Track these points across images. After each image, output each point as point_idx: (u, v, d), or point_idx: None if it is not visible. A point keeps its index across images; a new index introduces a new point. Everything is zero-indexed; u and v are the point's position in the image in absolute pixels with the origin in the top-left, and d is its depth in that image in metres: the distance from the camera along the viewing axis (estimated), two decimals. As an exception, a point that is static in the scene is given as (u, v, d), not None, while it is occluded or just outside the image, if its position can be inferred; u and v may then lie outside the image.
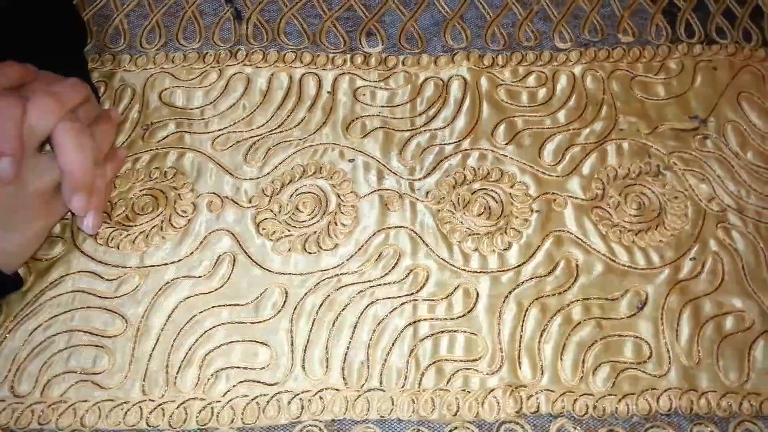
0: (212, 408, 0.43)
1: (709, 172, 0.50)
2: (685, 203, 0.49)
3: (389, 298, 0.46)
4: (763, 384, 0.44)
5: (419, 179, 0.50)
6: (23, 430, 0.42)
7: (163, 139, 0.51)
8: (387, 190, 0.49)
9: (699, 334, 0.45)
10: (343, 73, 0.54)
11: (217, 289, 0.46)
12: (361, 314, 0.45)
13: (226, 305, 0.46)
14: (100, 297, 0.46)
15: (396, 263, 0.47)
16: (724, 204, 0.49)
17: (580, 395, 0.43)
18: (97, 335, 0.45)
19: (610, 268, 0.47)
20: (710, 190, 0.50)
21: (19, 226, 0.43)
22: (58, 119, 0.41)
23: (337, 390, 0.43)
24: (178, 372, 0.44)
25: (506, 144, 0.51)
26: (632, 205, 0.49)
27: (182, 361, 0.44)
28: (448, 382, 0.44)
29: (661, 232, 0.48)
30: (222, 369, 0.44)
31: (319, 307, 0.46)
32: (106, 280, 0.46)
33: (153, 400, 0.43)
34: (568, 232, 0.48)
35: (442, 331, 0.45)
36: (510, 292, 0.46)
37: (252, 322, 0.45)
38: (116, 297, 0.46)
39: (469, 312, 0.46)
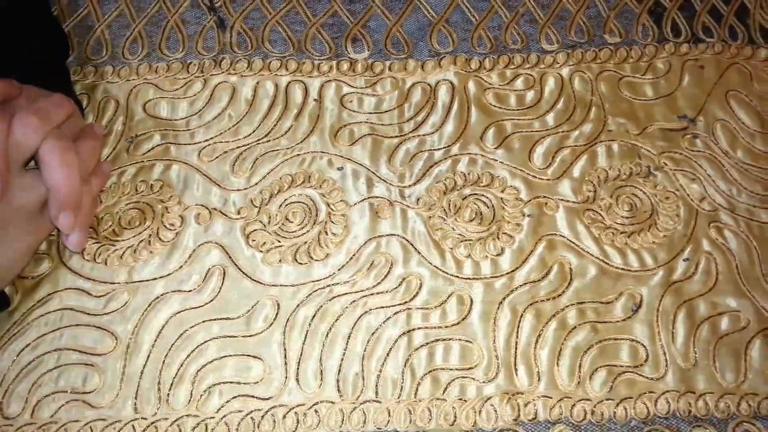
0: (206, 424, 0.42)
1: (700, 171, 0.50)
2: (677, 203, 0.49)
3: (382, 307, 0.45)
4: (760, 384, 0.44)
5: (409, 186, 0.49)
6: (13, 453, 0.41)
7: (149, 151, 0.51)
8: (377, 197, 0.49)
9: (695, 336, 0.45)
10: (330, 80, 0.54)
11: (207, 303, 0.45)
12: (355, 325, 0.45)
13: (217, 319, 0.45)
14: (88, 314, 0.45)
15: (388, 272, 0.46)
16: (715, 203, 0.49)
17: (578, 400, 0.43)
18: (86, 353, 0.44)
19: (604, 271, 0.47)
20: (701, 189, 0.50)
21: (5, 244, 0.42)
22: (44, 136, 0.41)
23: (332, 403, 0.43)
24: (170, 389, 0.43)
25: (496, 148, 0.51)
26: (624, 207, 0.49)
27: (174, 377, 0.43)
28: (444, 392, 0.43)
29: (653, 233, 0.48)
30: (215, 384, 0.43)
31: (312, 319, 0.45)
32: (95, 296, 0.46)
33: (146, 419, 0.42)
34: (560, 235, 0.48)
35: (437, 340, 0.45)
36: (504, 298, 0.46)
37: (244, 336, 0.45)
38: (105, 314, 0.45)
39: (463, 319, 0.45)
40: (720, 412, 0.43)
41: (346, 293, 0.46)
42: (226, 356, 0.44)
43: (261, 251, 0.47)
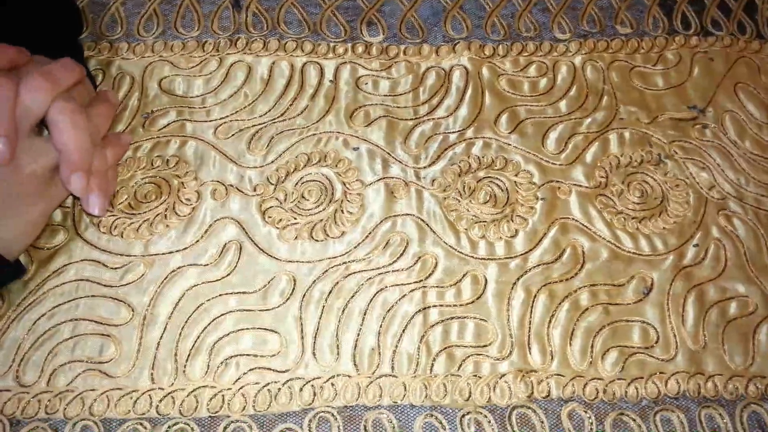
0: (223, 395, 0.42)
1: (709, 160, 0.51)
2: (687, 191, 0.50)
3: (398, 285, 0.46)
4: (767, 367, 0.44)
5: (424, 167, 0.50)
6: (30, 419, 0.41)
7: (164, 127, 0.51)
8: (392, 178, 0.49)
9: (704, 319, 0.46)
10: (345, 62, 0.54)
11: (224, 278, 0.46)
12: (371, 301, 0.45)
13: (234, 293, 0.45)
14: (104, 285, 0.45)
15: (404, 250, 0.47)
16: (724, 192, 0.50)
17: (590, 379, 0.44)
18: (102, 324, 0.44)
19: (616, 255, 0.47)
20: (711, 178, 0.51)
21: (16, 211, 0.42)
22: (52, 99, 0.41)
23: (348, 376, 0.43)
24: (186, 360, 0.43)
25: (509, 133, 0.52)
26: (635, 193, 0.50)
27: (191, 349, 0.43)
28: (459, 368, 0.44)
29: (664, 219, 0.49)
30: (232, 357, 0.43)
31: (328, 295, 0.45)
32: (111, 268, 0.46)
33: (162, 389, 0.42)
34: (573, 219, 0.48)
35: (452, 318, 0.45)
36: (518, 279, 0.46)
37: (260, 310, 0.45)
38: (121, 285, 0.45)
39: (478, 298, 0.46)
40: (728, 393, 0.44)
41: (362, 270, 0.46)
42: (242, 329, 0.44)
43: (277, 228, 0.47)
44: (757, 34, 0.57)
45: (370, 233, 0.47)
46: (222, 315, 0.44)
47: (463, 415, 0.43)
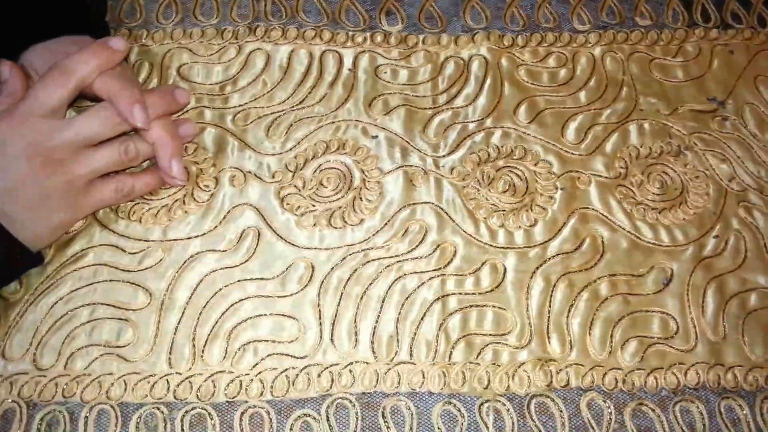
0: (241, 381, 0.42)
1: (729, 152, 0.51)
2: (707, 182, 0.50)
3: (417, 272, 0.46)
4: (788, 359, 0.44)
5: (443, 156, 0.50)
6: (47, 403, 0.41)
7: (183, 114, 0.51)
8: (411, 166, 0.49)
9: (724, 310, 0.45)
10: (364, 51, 0.54)
11: (242, 264, 0.46)
12: (389, 288, 0.45)
13: (252, 279, 0.45)
14: (122, 270, 0.45)
15: (423, 238, 0.47)
16: (744, 183, 0.50)
17: (609, 369, 0.44)
18: (120, 308, 0.44)
19: (636, 245, 0.47)
20: (731, 170, 0.50)
21: (43, 213, 0.42)
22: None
23: (366, 363, 0.43)
24: (204, 345, 0.43)
25: (529, 123, 0.51)
26: (655, 184, 0.49)
27: (209, 334, 0.43)
28: (478, 356, 0.43)
29: (684, 210, 0.48)
30: (250, 342, 0.43)
31: (347, 282, 0.45)
32: (129, 253, 0.46)
33: (180, 373, 0.42)
34: (593, 209, 0.48)
35: (471, 306, 0.45)
36: (537, 268, 0.46)
37: (279, 296, 0.45)
38: (139, 270, 0.45)
39: (497, 287, 0.45)
40: (748, 384, 0.43)
41: (381, 258, 0.46)
42: (260, 315, 0.44)
43: (296, 215, 0.47)
44: (778, 27, 0.57)
45: (389, 221, 0.47)
46: (240, 301, 0.44)
47: (482, 404, 0.42)
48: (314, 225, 0.47)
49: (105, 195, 0.44)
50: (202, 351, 0.43)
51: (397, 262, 0.46)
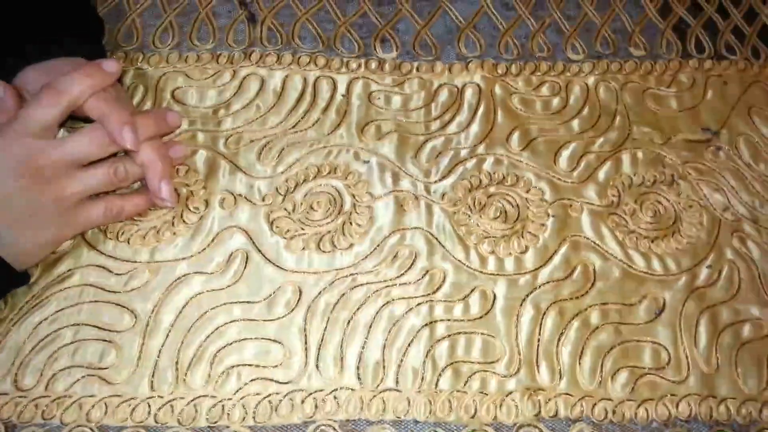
0: (223, 405, 0.42)
1: (723, 182, 0.51)
2: (700, 212, 0.49)
3: (405, 298, 0.45)
4: (782, 392, 0.43)
5: (435, 182, 0.50)
6: (26, 424, 0.41)
7: (176, 137, 0.51)
8: (402, 191, 0.49)
9: (717, 341, 0.45)
10: (358, 77, 0.54)
11: (229, 286, 0.45)
12: (377, 314, 0.45)
13: (239, 302, 0.45)
14: (108, 291, 0.45)
15: (412, 264, 0.46)
16: (738, 214, 0.49)
17: (599, 400, 0.43)
18: (104, 330, 0.43)
19: (628, 274, 0.47)
20: (724, 200, 0.50)
21: (30, 231, 0.42)
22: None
23: (351, 390, 0.42)
24: (188, 368, 0.43)
25: (521, 150, 0.51)
26: (648, 213, 0.49)
27: (192, 357, 0.43)
28: (465, 384, 0.43)
29: (676, 239, 0.48)
30: (233, 366, 0.43)
31: (334, 306, 0.45)
32: (116, 274, 0.45)
33: (162, 397, 0.42)
34: (585, 237, 0.48)
35: (459, 333, 0.44)
36: (527, 295, 0.46)
37: (264, 320, 0.44)
38: (125, 292, 0.45)
39: (486, 314, 0.45)
40: (741, 417, 0.43)
41: (369, 282, 0.46)
42: (245, 339, 0.44)
43: (285, 238, 0.47)
44: (772, 59, 0.57)
45: (378, 246, 0.47)
46: (225, 324, 0.44)
47: (469, 433, 0.42)
48: (303, 249, 0.46)
49: (93, 215, 0.44)
50: (185, 374, 0.42)
51: (386, 287, 0.45)
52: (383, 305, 0.45)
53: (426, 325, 0.44)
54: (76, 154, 0.43)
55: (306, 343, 0.44)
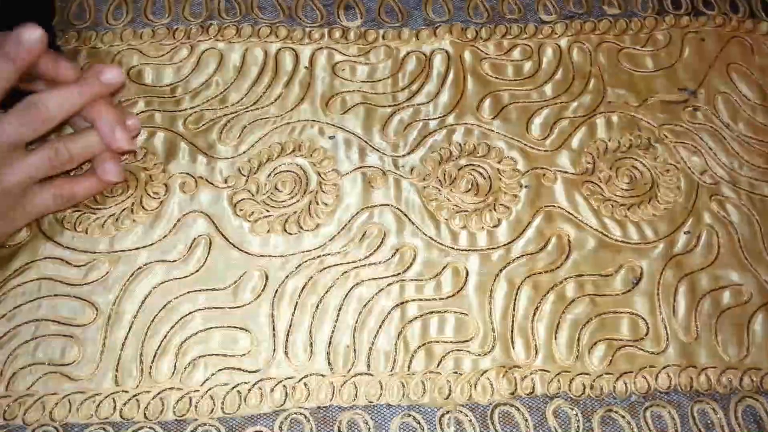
0: (190, 398, 0.40)
1: (701, 144, 0.49)
2: (678, 176, 0.48)
3: (375, 278, 0.44)
4: (763, 358, 0.43)
5: (403, 156, 0.48)
6: (-13, 426, 0.39)
7: (133, 118, 0.49)
8: (370, 167, 0.47)
9: (696, 309, 0.44)
10: (321, 48, 0.52)
11: (192, 274, 0.44)
12: (346, 296, 0.43)
13: (203, 290, 0.43)
14: (68, 284, 0.43)
15: (381, 242, 0.45)
16: (717, 176, 0.48)
17: (576, 375, 0.42)
18: (65, 324, 0.42)
19: (603, 244, 0.45)
20: (702, 162, 0.48)
21: None
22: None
23: (322, 376, 0.41)
24: (153, 361, 0.41)
25: (492, 118, 0.49)
26: (623, 179, 0.48)
27: (157, 349, 0.42)
28: (438, 365, 0.42)
29: (653, 205, 0.47)
30: (200, 357, 0.41)
31: (302, 290, 0.43)
32: (74, 266, 0.44)
33: (127, 391, 0.40)
34: (558, 207, 0.46)
35: (431, 312, 0.43)
36: (501, 270, 0.44)
37: (231, 308, 0.43)
38: (85, 284, 0.43)
39: (458, 291, 0.44)
40: (722, 386, 0.42)
41: (338, 264, 0.44)
42: (211, 328, 0.42)
43: (249, 221, 0.45)
44: (750, 13, 0.55)
45: (345, 225, 0.45)
46: (190, 313, 0.42)
47: (443, 415, 0.41)
48: (268, 231, 0.45)
49: (42, 202, 0.42)
50: (150, 367, 0.41)
51: (354, 268, 0.44)
52: (352, 287, 0.43)
53: (397, 305, 0.43)
54: (6, 138, 0.39)
55: (274, 329, 0.42)
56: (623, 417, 0.41)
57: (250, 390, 0.41)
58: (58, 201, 0.43)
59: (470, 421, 0.40)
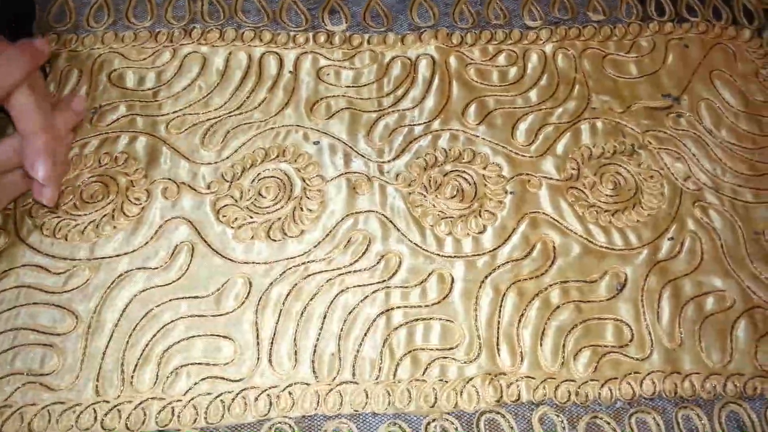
0: (173, 408, 0.40)
1: (684, 150, 0.49)
2: (661, 182, 0.48)
3: (360, 285, 0.43)
4: (746, 364, 0.43)
5: (388, 161, 0.48)
6: (-37, 438, 0.39)
7: (113, 122, 0.48)
8: (355, 173, 0.47)
9: (680, 316, 0.44)
10: (306, 52, 0.52)
11: (174, 281, 0.43)
12: (331, 304, 0.43)
13: (185, 298, 0.43)
14: (47, 292, 0.42)
15: (366, 249, 0.45)
16: (700, 182, 0.48)
17: (562, 381, 0.42)
18: (44, 333, 0.41)
19: (588, 250, 0.45)
20: (686, 168, 0.49)
21: None
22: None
23: (307, 384, 0.41)
24: (134, 370, 0.41)
25: (477, 124, 0.49)
26: (608, 185, 0.48)
27: (139, 358, 0.41)
28: (424, 372, 0.41)
29: (637, 211, 0.47)
30: (182, 366, 0.41)
31: (286, 298, 0.43)
32: (54, 273, 0.43)
33: (108, 402, 0.40)
34: (543, 213, 0.46)
35: (417, 319, 0.43)
36: (486, 277, 0.44)
37: (213, 315, 0.42)
38: (65, 292, 0.42)
39: (444, 298, 0.43)
40: (706, 392, 0.42)
41: (322, 271, 0.44)
42: (194, 336, 0.42)
43: (232, 227, 0.45)
44: (733, 20, 0.55)
45: (330, 232, 0.45)
46: (172, 321, 0.42)
47: (429, 423, 0.40)
48: (252, 238, 0.44)
49: None
50: (132, 377, 0.40)
51: (339, 275, 0.44)
52: (337, 294, 0.43)
53: (382, 313, 0.43)
54: None
55: (258, 337, 0.42)
56: (608, 423, 0.41)
57: (233, 399, 0.40)
58: None
59: (456, 428, 0.40)
